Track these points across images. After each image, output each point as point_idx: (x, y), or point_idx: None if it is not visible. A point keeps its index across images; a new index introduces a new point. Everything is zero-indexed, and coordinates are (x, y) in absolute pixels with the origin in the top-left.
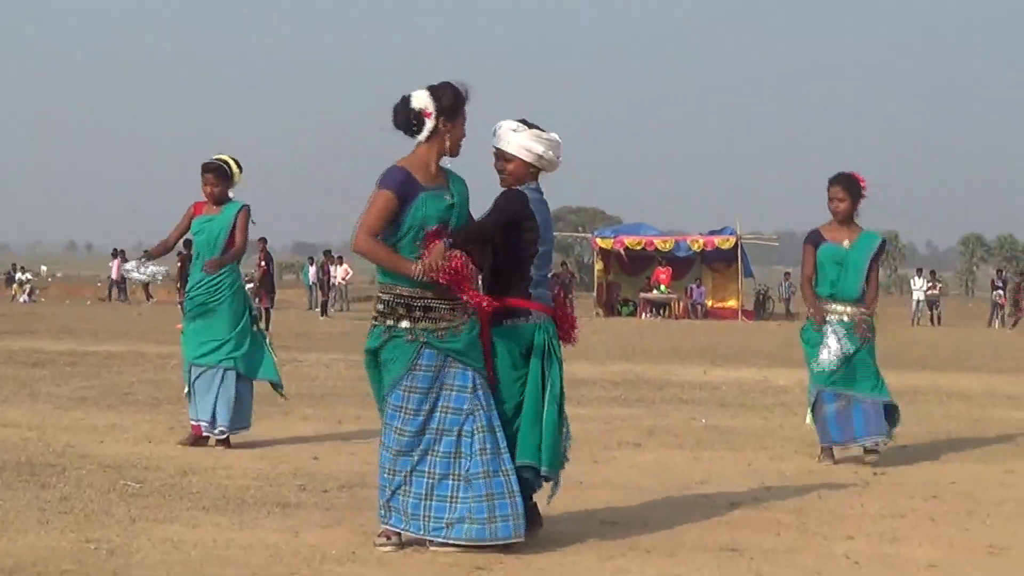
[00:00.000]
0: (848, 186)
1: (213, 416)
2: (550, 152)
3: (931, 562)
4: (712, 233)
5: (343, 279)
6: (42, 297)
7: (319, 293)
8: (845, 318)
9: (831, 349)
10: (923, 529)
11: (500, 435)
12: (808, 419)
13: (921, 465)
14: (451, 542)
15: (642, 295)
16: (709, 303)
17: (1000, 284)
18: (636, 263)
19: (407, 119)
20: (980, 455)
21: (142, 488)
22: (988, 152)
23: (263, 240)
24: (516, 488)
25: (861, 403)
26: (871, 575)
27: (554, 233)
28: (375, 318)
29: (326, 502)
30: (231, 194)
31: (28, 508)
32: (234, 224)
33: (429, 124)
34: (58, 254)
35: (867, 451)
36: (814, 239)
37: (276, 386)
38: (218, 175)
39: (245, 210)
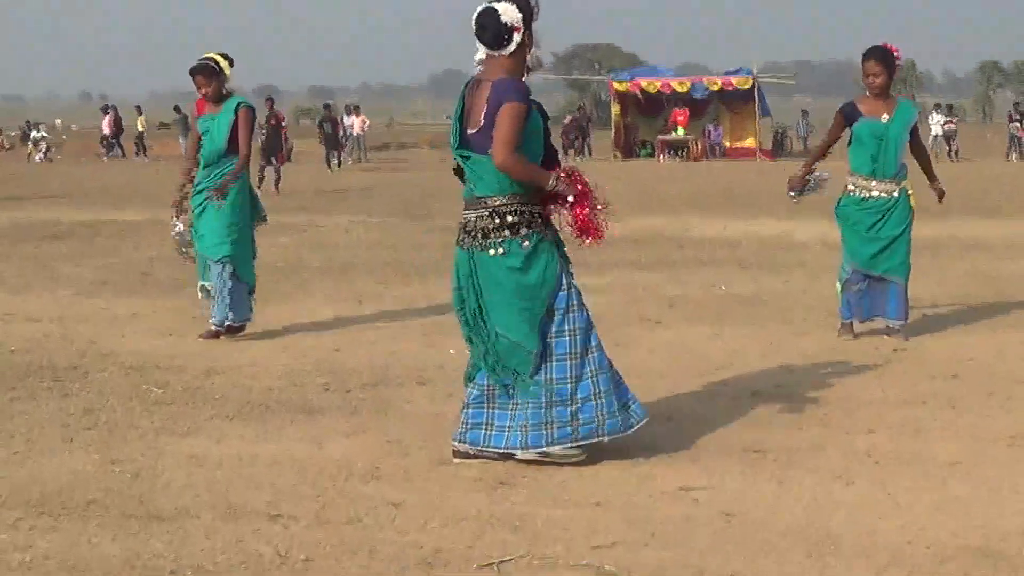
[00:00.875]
0: (884, 59)
1: (222, 311)
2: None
3: (952, 459)
4: (728, 73)
5: (360, 129)
6: (58, 155)
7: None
8: (884, 195)
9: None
10: (944, 418)
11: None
12: (838, 289)
13: (941, 335)
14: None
15: (660, 137)
16: (727, 143)
17: (1017, 117)
18: (653, 105)
19: (498, 33)
20: (998, 321)
21: (165, 393)
22: None
23: (270, 100)
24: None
25: (895, 284)
26: (893, 475)
27: (571, 76)
28: (508, 234)
29: (349, 405)
30: (226, 90)
31: (52, 422)
32: (235, 120)
33: (517, 37)
34: (72, 105)
35: (892, 330)
36: (849, 112)
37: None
38: (207, 75)
39: (246, 111)
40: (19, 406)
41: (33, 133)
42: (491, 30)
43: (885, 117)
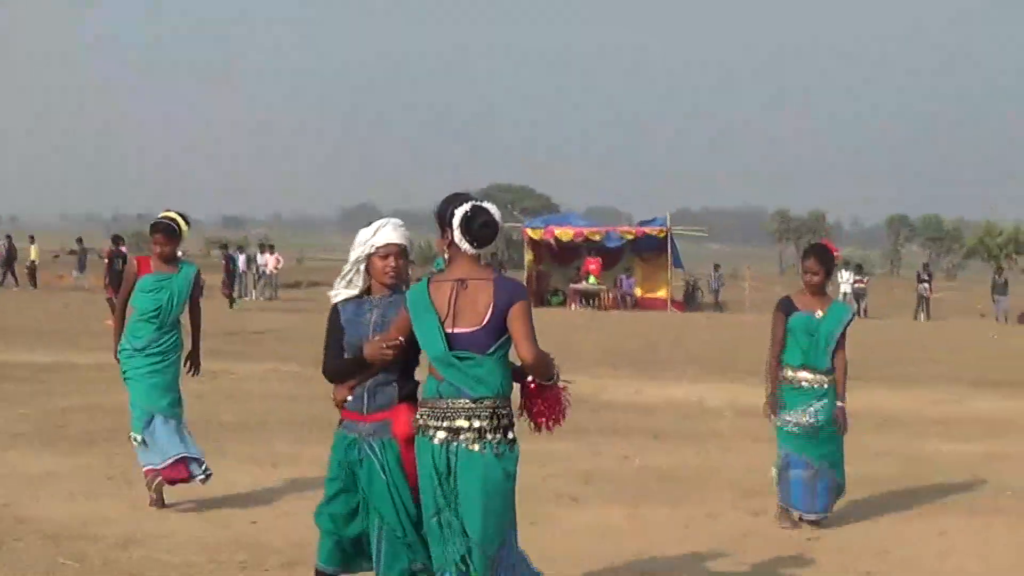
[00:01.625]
0: (822, 258)
1: (186, 459)
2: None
3: None
4: (643, 223)
5: (275, 267)
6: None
7: (245, 282)
8: (815, 385)
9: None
10: None
11: None
12: (772, 474)
13: (855, 525)
14: None
15: (572, 286)
16: (639, 293)
17: (926, 277)
18: (566, 253)
19: (493, 234)
20: (914, 510)
21: (82, 567)
22: (914, 131)
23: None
24: None
25: (826, 477)
26: None
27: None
28: (509, 440)
29: None
30: (179, 252)
31: None
32: (193, 287)
33: None
34: None
35: (813, 520)
36: (785, 307)
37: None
38: (168, 235)
39: (199, 280)
40: None
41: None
42: (493, 230)
43: (819, 313)
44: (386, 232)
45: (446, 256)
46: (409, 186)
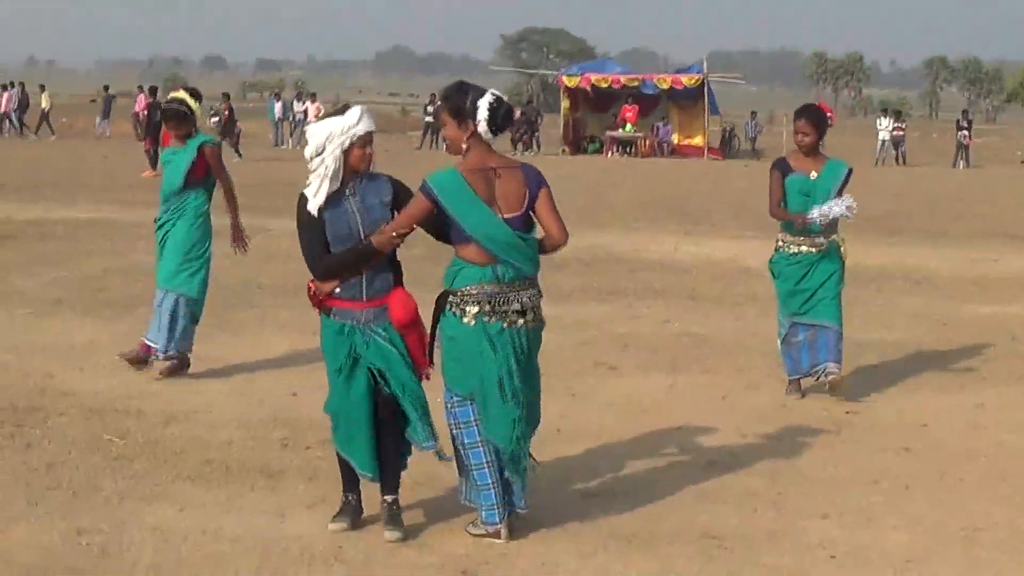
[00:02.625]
0: (815, 119)
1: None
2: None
3: (906, 554)
4: (679, 71)
5: (314, 116)
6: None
7: (282, 130)
8: (812, 249)
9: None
10: (897, 504)
11: None
12: (778, 346)
13: (891, 396)
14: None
15: (608, 133)
16: (675, 140)
17: (965, 124)
18: (602, 100)
19: (512, 122)
20: (948, 379)
21: (126, 445)
22: None
23: (226, 96)
24: None
25: (828, 329)
26: (849, 573)
27: (528, 69)
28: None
29: (309, 466)
30: (193, 130)
31: (16, 481)
32: (196, 158)
33: None
34: (17, 70)
35: (828, 374)
36: (781, 167)
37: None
38: (178, 120)
39: (214, 148)
40: None
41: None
42: (512, 117)
43: (813, 174)
44: (367, 120)
45: (464, 146)
46: (443, 29)
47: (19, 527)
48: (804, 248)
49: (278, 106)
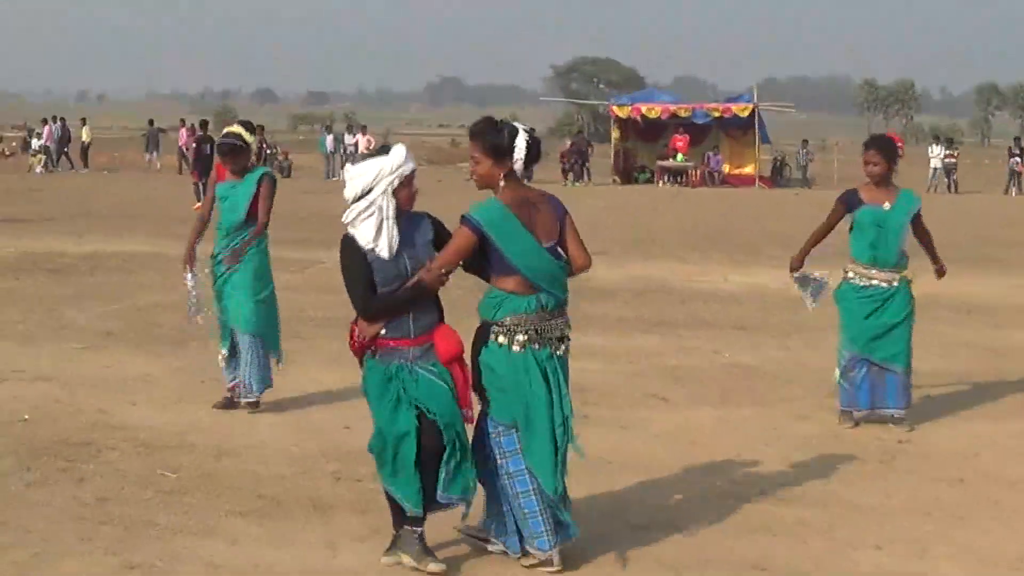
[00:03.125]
0: (883, 149)
1: (246, 381)
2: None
3: None
4: (729, 100)
5: (365, 147)
6: (57, 166)
7: (333, 163)
8: (884, 284)
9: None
10: (949, 534)
11: None
12: (836, 377)
13: (945, 424)
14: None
15: (659, 163)
16: (726, 169)
17: (1018, 151)
18: (653, 130)
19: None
20: (1002, 407)
21: (178, 480)
22: None
23: (261, 128)
24: None
25: (894, 373)
26: None
27: (579, 99)
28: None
29: (361, 500)
30: (250, 164)
31: (66, 516)
32: (256, 192)
33: None
34: (70, 104)
35: (895, 419)
36: (850, 200)
37: (277, 358)
38: (233, 155)
39: (268, 180)
40: (35, 494)
41: (34, 143)
42: (539, 149)
43: (887, 205)
44: (410, 158)
45: (501, 184)
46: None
47: (71, 562)
48: (875, 282)
49: (329, 139)
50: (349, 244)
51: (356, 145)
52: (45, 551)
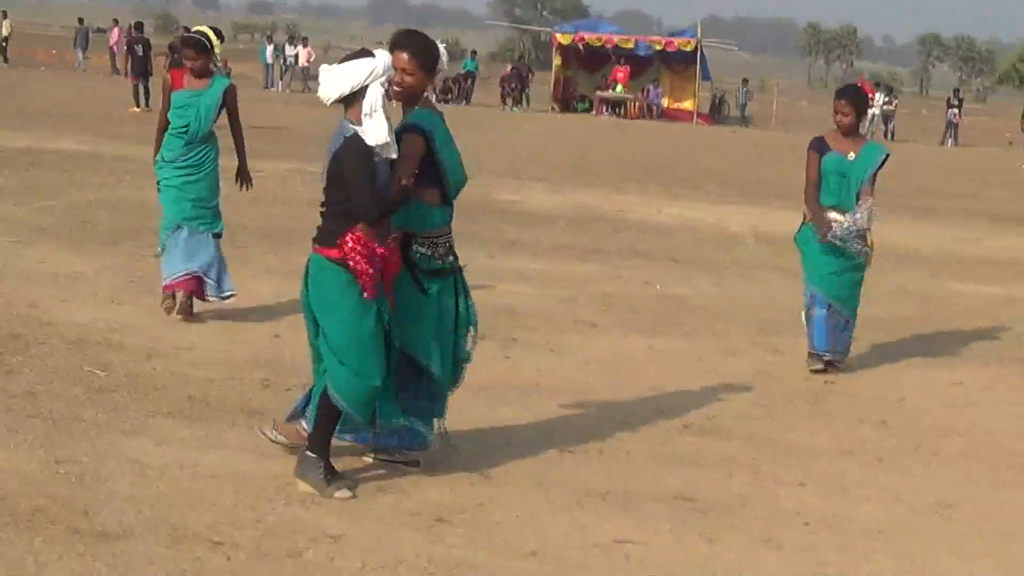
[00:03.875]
0: (854, 100)
1: (217, 278)
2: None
3: (878, 526)
4: (672, 34)
5: (306, 60)
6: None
7: (272, 73)
8: (845, 224)
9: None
10: (871, 476)
11: None
12: (803, 318)
13: (872, 370)
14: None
15: (599, 93)
16: (666, 103)
17: (956, 102)
18: (594, 60)
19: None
20: (928, 356)
21: (107, 378)
22: None
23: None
24: None
25: (842, 316)
26: (820, 542)
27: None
28: None
29: (289, 408)
30: (212, 67)
31: None
32: (222, 103)
33: None
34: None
35: (835, 364)
36: (819, 147)
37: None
38: (199, 50)
39: (233, 90)
40: None
41: None
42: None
43: (851, 155)
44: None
45: (427, 95)
46: None
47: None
48: (835, 225)
49: (270, 49)
50: (359, 146)
51: (296, 57)
52: None
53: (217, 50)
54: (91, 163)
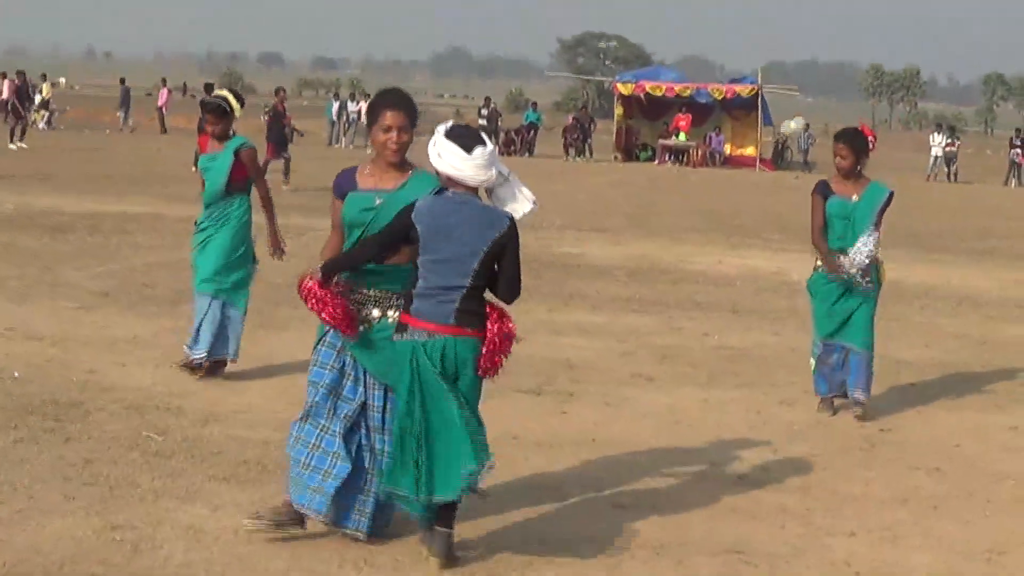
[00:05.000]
0: (852, 142)
1: (208, 345)
2: (455, 168)
3: (929, 574)
4: (733, 81)
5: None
6: (61, 123)
7: (337, 129)
8: (854, 271)
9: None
10: (924, 523)
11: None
12: (811, 365)
13: (926, 414)
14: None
15: (661, 141)
16: (728, 150)
17: (1019, 143)
18: (656, 108)
19: None
20: (986, 400)
21: (164, 443)
22: None
23: (282, 90)
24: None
25: (857, 355)
26: None
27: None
28: None
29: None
30: (232, 130)
31: (53, 475)
32: (234, 162)
33: None
34: (77, 62)
35: (856, 403)
36: (822, 190)
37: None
38: (218, 114)
39: (250, 152)
40: (22, 451)
41: (37, 98)
42: None
43: (854, 197)
44: None
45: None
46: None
47: (54, 520)
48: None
49: (336, 106)
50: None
51: (360, 112)
52: (30, 508)
53: (236, 113)
54: (152, 225)
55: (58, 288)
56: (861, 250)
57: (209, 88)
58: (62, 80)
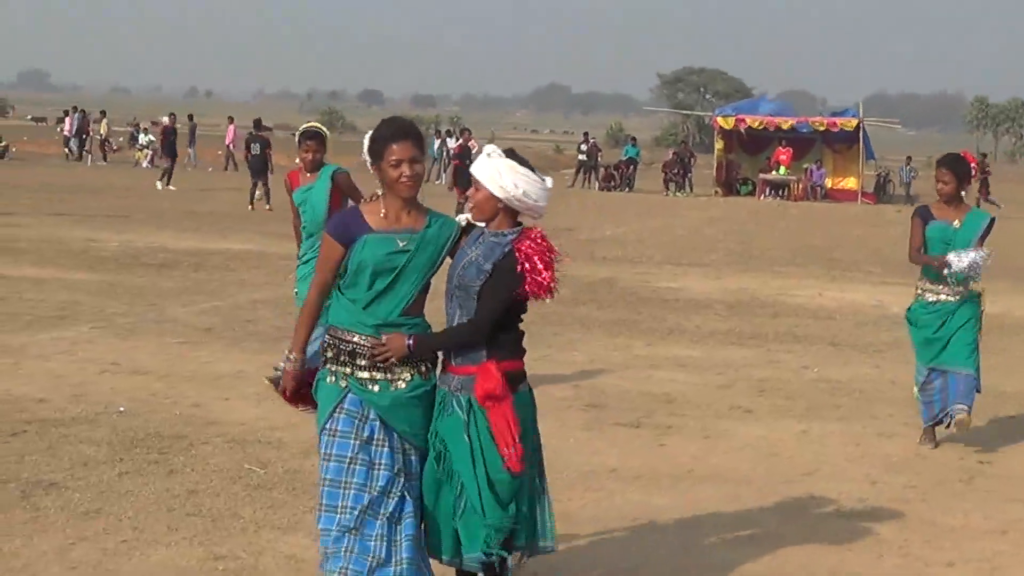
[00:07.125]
0: (954, 168)
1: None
2: (526, 193)
3: None
4: (834, 114)
5: (457, 148)
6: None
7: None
8: (951, 298)
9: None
10: (1023, 554)
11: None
12: (915, 394)
13: None
14: None
15: (761, 175)
16: (829, 184)
17: None
18: (756, 142)
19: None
20: None
21: (266, 475)
22: None
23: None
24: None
25: (958, 375)
26: None
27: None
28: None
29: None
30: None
31: (156, 506)
32: (333, 187)
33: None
34: (178, 101)
35: (955, 413)
36: (923, 214)
37: None
38: (319, 142)
39: (344, 176)
40: (127, 483)
41: (141, 137)
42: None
43: (956, 223)
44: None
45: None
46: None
47: (159, 551)
48: (943, 296)
49: (438, 143)
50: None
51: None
52: (134, 539)
53: (328, 140)
54: (257, 262)
55: (163, 324)
56: (969, 253)
57: (258, 124)
58: (165, 120)
